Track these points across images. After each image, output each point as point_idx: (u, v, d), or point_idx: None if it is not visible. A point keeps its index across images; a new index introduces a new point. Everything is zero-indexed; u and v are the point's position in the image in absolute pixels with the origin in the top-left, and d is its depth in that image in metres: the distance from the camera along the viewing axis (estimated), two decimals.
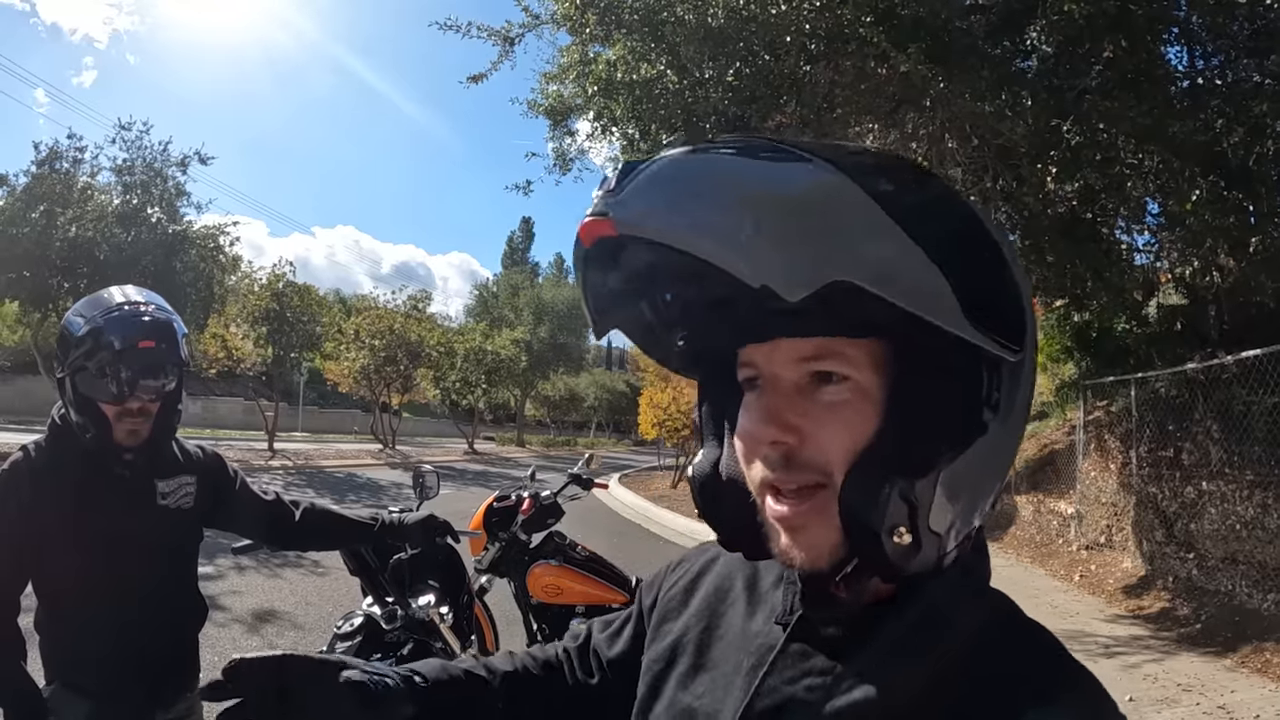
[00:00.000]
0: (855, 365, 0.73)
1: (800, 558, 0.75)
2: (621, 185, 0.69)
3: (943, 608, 0.77)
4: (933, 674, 0.73)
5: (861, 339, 0.72)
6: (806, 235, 0.65)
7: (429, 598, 2.77)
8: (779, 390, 0.75)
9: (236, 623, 6.93)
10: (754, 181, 0.67)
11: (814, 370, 0.74)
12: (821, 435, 0.73)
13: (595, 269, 0.75)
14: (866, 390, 0.73)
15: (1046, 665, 0.76)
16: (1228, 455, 8.49)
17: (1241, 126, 7.45)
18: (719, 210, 0.65)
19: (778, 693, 0.80)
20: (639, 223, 0.67)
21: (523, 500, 4.39)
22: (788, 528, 0.75)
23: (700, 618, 0.96)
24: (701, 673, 0.90)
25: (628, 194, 0.69)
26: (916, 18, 7.30)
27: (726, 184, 0.67)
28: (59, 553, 2.14)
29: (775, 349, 0.75)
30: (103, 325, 2.13)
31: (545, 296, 55.37)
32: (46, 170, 18.80)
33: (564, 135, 12.39)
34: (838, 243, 0.66)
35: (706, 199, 0.66)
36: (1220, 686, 5.70)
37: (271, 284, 26.93)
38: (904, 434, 0.72)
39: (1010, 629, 0.81)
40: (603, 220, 0.69)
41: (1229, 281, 10.27)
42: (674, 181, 0.68)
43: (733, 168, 0.68)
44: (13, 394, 34.60)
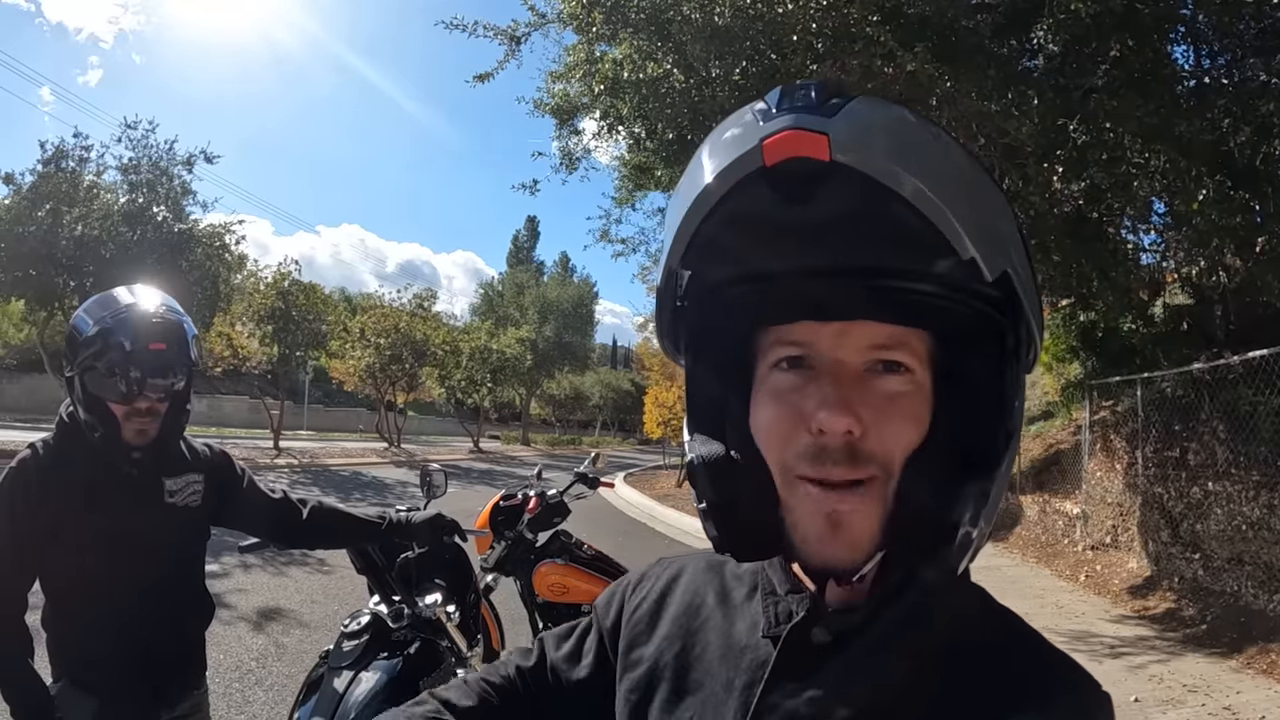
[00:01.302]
0: (916, 357, 0.72)
1: (839, 552, 0.71)
2: (830, 106, 0.63)
3: (935, 605, 0.75)
4: (930, 671, 0.72)
5: (924, 330, 0.72)
6: (999, 221, 0.66)
7: (436, 596, 2.77)
8: (842, 377, 0.71)
9: (242, 621, 6.94)
10: (966, 156, 0.66)
11: (880, 359, 0.71)
12: (884, 426, 0.70)
13: (755, 193, 0.64)
14: (921, 384, 0.72)
15: (1036, 660, 0.75)
16: (1234, 456, 8.47)
17: (1248, 126, 7.43)
18: (943, 171, 0.62)
19: (780, 709, 0.76)
20: (871, 153, 0.61)
21: (529, 499, 4.40)
22: (833, 522, 0.70)
23: (674, 640, 0.90)
24: (687, 696, 0.85)
25: (849, 118, 0.62)
26: (923, 16, 7.30)
27: (947, 148, 0.65)
28: (66, 550, 2.14)
29: (847, 331, 0.71)
30: (112, 326, 2.13)
31: (550, 295, 55.34)
32: (52, 169, 18.80)
33: (570, 134, 12.40)
34: (1011, 239, 0.67)
35: (934, 156, 0.63)
36: (1226, 687, 5.69)
37: (277, 282, 26.97)
38: (961, 432, 0.71)
39: (993, 620, 0.79)
40: (818, 138, 0.61)
41: (1235, 281, 10.25)
42: (900, 126, 0.64)
43: (939, 134, 0.66)
44: (19, 392, 34.73)
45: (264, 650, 6.19)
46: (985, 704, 0.70)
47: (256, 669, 5.74)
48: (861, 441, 0.69)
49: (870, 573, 0.72)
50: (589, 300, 57.42)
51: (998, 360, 0.72)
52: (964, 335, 0.71)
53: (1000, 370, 0.72)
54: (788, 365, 0.74)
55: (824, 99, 0.63)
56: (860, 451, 0.70)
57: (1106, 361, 13.02)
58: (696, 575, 0.95)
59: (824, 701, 0.74)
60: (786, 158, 0.61)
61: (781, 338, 0.75)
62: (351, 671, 2.43)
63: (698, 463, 0.78)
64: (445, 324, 40.53)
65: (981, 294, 0.68)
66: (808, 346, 0.73)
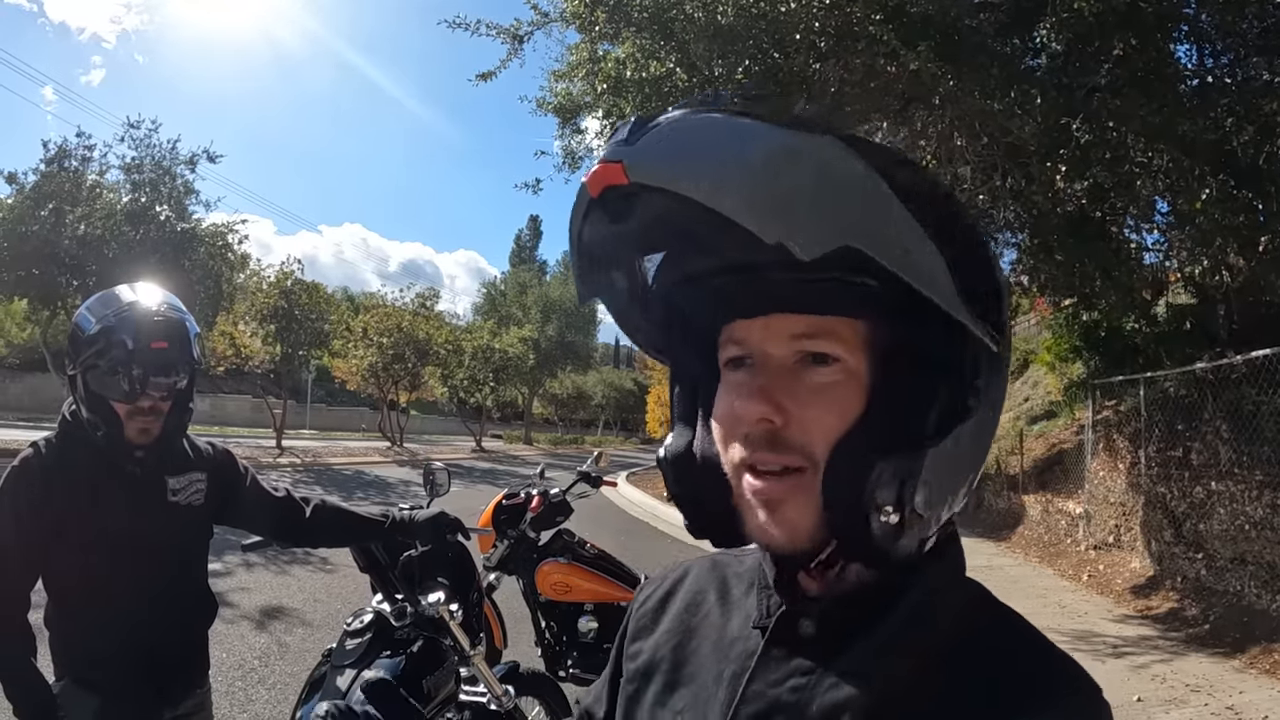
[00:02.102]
0: (846, 345, 0.73)
1: (778, 534, 0.74)
2: (636, 135, 0.68)
3: (924, 598, 0.77)
4: (916, 666, 0.73)
5: (852, 318, 0.73)
6: (819, 199, 0.65)
7: (438, 595, 2.77)
8: (768, 368, 0.75)
9: (245, 619, 6.94)
10: (771, 143, 0.66)
11: (805, 350, 0.74)
12: (808, 416, 0.72)
13: (596, 221, 0.72)
14: (854, 371, 0.73)
15: (1037, 660, 0.74)
16: (1237, 455, 8.46)
17: (1251, 125, 7.43)
18: (738, 166, 0.64)
19: (763, 697, 0.79)
20: (656, 172, 0.65)
21: (532, 498, 4.40)
22: (765, 503, 0.74)
23: (673, 634, 0.93)
24: (680, 688, 0.87)
25: (644, 143, 0.67)
26: (926, 15, 7.30)
27: (745, 142, 0.66)
28: (69, 550, 2.14)
29: (768, 325, 0.75)
30: (115, 324, 2.13)
31: (553, 295, 55.33)
32: (55, 169, 18.81)
33: (573, 133, 12.41)
34: (849, 210, 0.66)
35: (725, 155, 0.65)
36: (1229, 687, 5.69)
37: (280, 282, 26.99)
38: (891, 416, 0.72)
39: (991, 617, 0.79)
40: (615, 166, 0.67)
41: (1238, 281, 10.24)
42: (692, 135, 0.67)
43: (749, 129, 0.67)
44: (22, 391, 34.78)
45: (267, 649, 6.20)
46: (981, 700, 0.70)
47: (259, 667, 5.74)
48: (784, 430, 0.73)
49: (832, 562, 0.76)
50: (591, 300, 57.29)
51: (927, 340, 0.72)
52: (896, 318, 0.72)
53: (931, 349, 0.72)
54: (733, 366, 0.79)
55: (635, 129, 0.68)
56: (782, 439, 0.73)
57: (1109, 361, 13.00)
58: (701, 573, 0.98)
59: (807, 690, 0.76)
60: (602, 188, 0.68)
61: (727, 335, 0.79)
62: (354, 670, 2.43)
63: (663, 457, 0.85)
64: (448, 323, 40.56)
65: (861, 273, 0.68)
66: (742, 344, 0.77)
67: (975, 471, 0.78)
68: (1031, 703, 0.69)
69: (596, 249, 0.76)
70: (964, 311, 0.70)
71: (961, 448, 0.73)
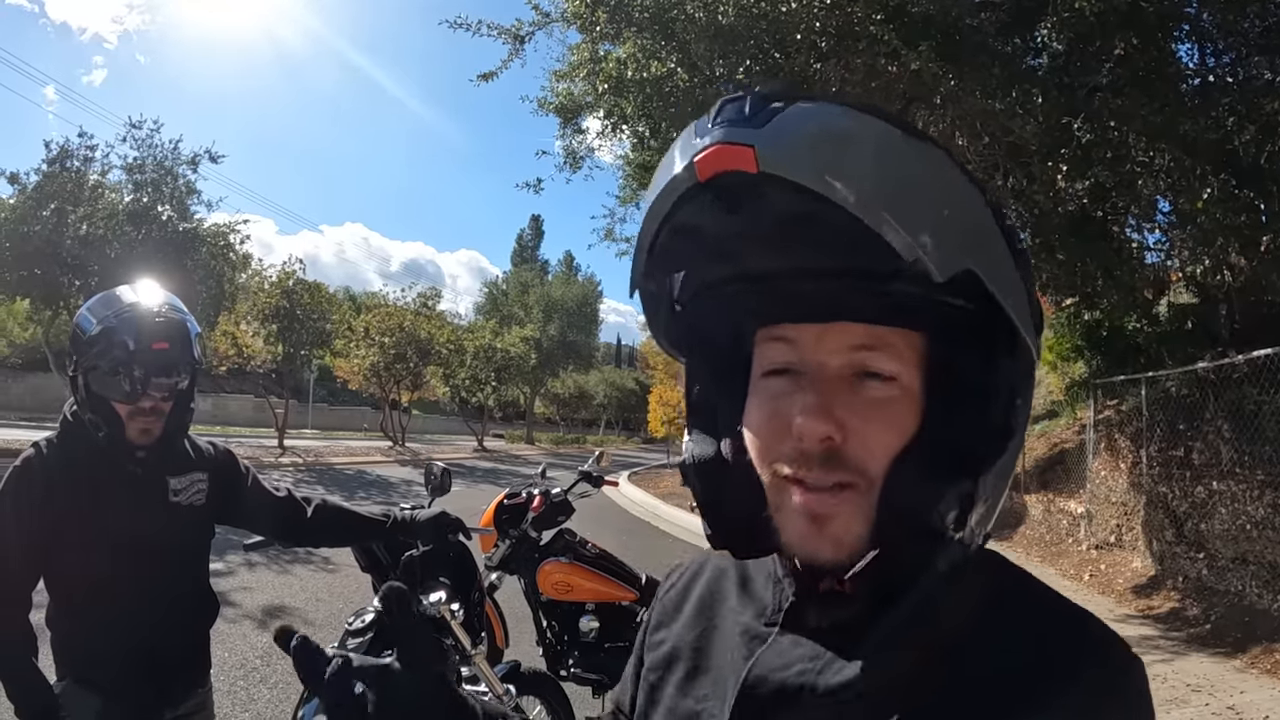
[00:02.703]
0: (902, 360, 0.71)
1: (824, 548, 0.71)
2: (762, 116, 0.63)
3: (938, 599, 0.74)
4: (928, 648, 0.71)
5: (910, 330, 0.71)
6: (955, 221, 0.64)
7: (440, 594, 2.77)
8: (824, 381, 0.71)
9: (247, 619, 6.95)
10: (912, 153, 0.65)
11: (863, 363, 0.71)
12: (867, 433, 0.70)
13: (695, 207, 0.66)
14: (909, 388, 0.71)
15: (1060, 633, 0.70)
16: (1238, 455, 8.45)
17: (1253, 124, 7.43)
18: (881, 174, 0.62)
19: (767, 682, 0.77)
20: (796, 166, 0.60)
21: (533, 498, 4.40)
22: (814, 518, 0.71)
23: (695, 623, 0.92)
24: (702, 675, 0.86)
25: (781, 131, 0.62)
26: (927, 15, 7.30)
27: (885, 149, 0.64)
28: (71, 549, 2.15)
29: (827, 332, 0.71)
30: (115, 325, 2.13)
31: (555, 294, 55.42)
32: (57, 169, 18.83)
33: (574, 133, 12.43)
34: (973, 235, 0.66)
35: (869, 159, 0.62)
36: (1230, 687, 5.68)
37: (281, 281, 27.00)
38: (949, 434, 0.70)
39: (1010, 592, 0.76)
40: (745, 151, 0.61)
41: (1240, 280, 10.24)
42: (832, 130, 0.63)
43: (886, 132, 0.65)
44: (24, 391, 34.80)
45: (269, 648, 6.19)
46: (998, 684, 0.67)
47: (261, 667, 5.75)
48: (843, 447, 0.70)
49: (863, 570, 0.72)
50: (593, 299, 57.47)
51: (988, 359, 0.71)
52: (953, 334, 0.70)
53: (992, 368, 0.71)
54: (777, 371, 0.75)
55: (757, 109, 0.63)
56: (840, 456, 0.70)
57: (1111, 360, 13.00)
58: (721, 562, 0.97)
59: (812, 675, 0.75)
60: (716, 173, 0.62)
61: (770, 334, 0.75)
62: None
63: (689, 463, 0.81)
64: (450, 323, 40.62)
65: (957, 293, 0.67)
66: (794, 345, 0.73)
67: (1007, 487, 0.76)
68: (1050, 684, 0.66)
69: (683, 239, 0.71)
70: (1033, 336, 0.70)
71: (1008, 466, 0.73)
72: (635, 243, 0.74)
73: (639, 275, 0.76)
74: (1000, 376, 0.71)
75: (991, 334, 0.69)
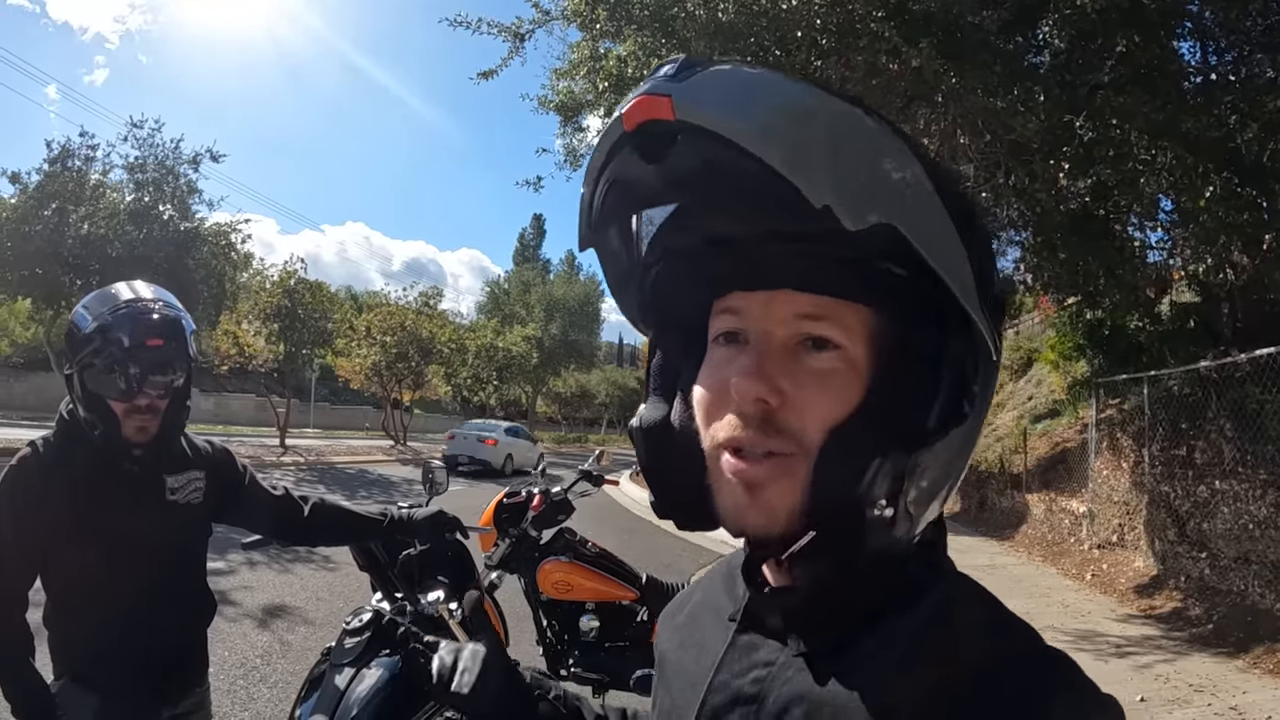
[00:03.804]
0: (849, 333, 0.71)
1: (755, 517, 0.72)
2: (684, 74, 0.66)
3: (897, 590, 0.75)
4: (883, 662, 0.70)
5: (860, 304, 0.71)
6: (871, 171, 0.64)
7: (438, 594, 2.76)
8: (769, 347, 0.72)
9: (247, 618, 6.94)
10: (828, 105, 0.66)
11: (807, 333, 0.71)
12: (804, 401, 0.70)
13: (625, 159, 0.69)
14: (854, 361, 0.71)
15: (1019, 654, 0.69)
16: (1241, 454, 8.44)
17: (1255, 122, 7.42)
18: (793, 121, 0.63)
19: (727, 688, 0.79)
20: (706, 113, 0.63)
21: (533, 496, 4.38)
22: (746, 484, 0.71)
23: (683, 627, 0.95)
24: (683, 676, 0.88)
25: (696, 82, 0.65)
26: (928, 12, 7.28)
27: (801, 99, 0.65)
28: (67, 548, 2.13)
29: (773, 300, 0.72)
30: (111, 322, 2.12)
31: (557, 293, 55.46)
32: (59, 168, 18.89)
33: (575, 131, 12.41)
34: (893, 187, 0.65)
35: (780, 108, 0.63)
36: (1232, 687, 5.68)
37: (283, 281, 27.01)
38: (891, 410, 0.70)
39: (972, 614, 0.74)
40: (662, 100, 0.64)
41: (1242, 279, 10.22)
42: (746, 83, 0.65)
43: (804, 89, 0.66)
44: (26, 390, 34.78)
45: (268, 647, 6.20)
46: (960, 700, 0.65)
47: (261, 666, 5.74)
48: (779, 413, 0.70)
49: (803, 552, 0.71)
50: (595, 298, 57.47)
51: (937, 338, 0.70)
52: (902, 310, 0.70)
53: (941, 348, 0.71)
54: (725, 340, 0.76)
55: (682, 68, 0.66)
56: (775, 422, 0.70)
57: (1113, 359, 12.99)
58: (717, 572, 0.99)
59: (766, 681, 0.76)
60: (640, 121, 0.65)
61: (721, 306, 0.77)
62: (353, 669, 2.42)
63: (636, 426, 0.83)
64: (451, 322, 40.62)
65: (894, 259, 0.67)
66: (741, 317, 0.74)
67: (958, 478, 0.76)
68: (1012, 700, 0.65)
69: (618, 189, 0.73)
70: (979, 311, 0.69)
71: (952, 451, 0.71)
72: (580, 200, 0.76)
73: (585, 229, 0.78)
74: (949, 356, 0.71)
75: (940, 312, 0.69)
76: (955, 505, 16.60)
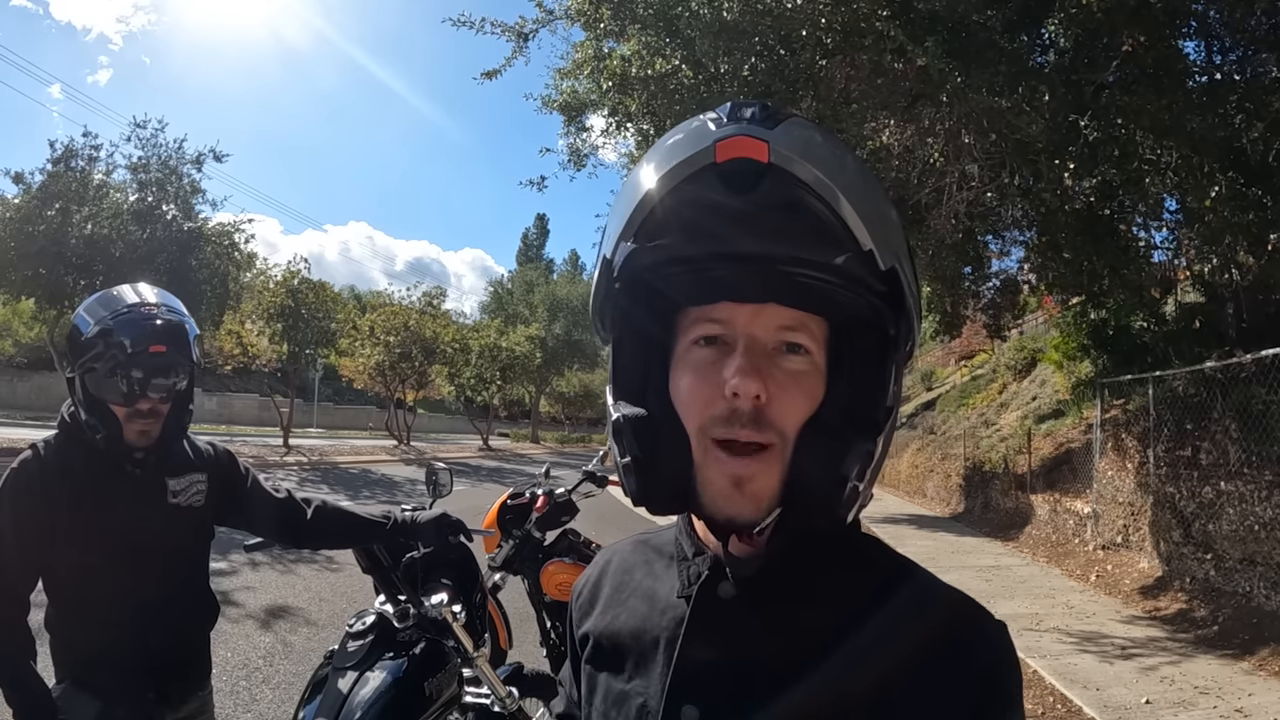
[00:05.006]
0: (815, 340, 0.83)
1: (745, 507, 0.81)
2: (770, 121, 0.79)
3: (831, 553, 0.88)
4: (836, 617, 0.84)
5: (823, 317, 0.84)
6: (890, 224, 0.81)
7: (442, 596, 2.75)
8: (758, 351, 0.82)
9: (250, 619, 6.94)
10: (865, 168, 0.80)
11: (785, 339, 0.82)
12: (785, 399, 0.81)
13: (708, 182, 0.78)
14: (817, 364, 0.84)
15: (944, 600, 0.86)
16: (1246, 455, 8.42)
17: (1261, 122, 7.40)
18: (856, 178, 0.78)
19: (695, 660, 0.86)
20: (796, 161, 0.75)
21: (537, 497, 4.38)
22: (737, 480, 0.80)
23: (608, 612, 1.01)
24: (627, 659, 0.94)
25: (784, 132, 0.77)
26: (933, 12, 7.26)
27: (855, 161, 0.79)
28: (69, 552, 2.12)
29: (761, 312, 0.82)
30: (113, 326, 2.11)
31: (560, 293, 55.50)
32: (62, 168, 18.90)
33: (578, 131, 12.37)
34: (901, 244, 0.82)
35: (845, 165, 0.79)
36: (1238, 689, 5.66)
37: (286, 281, 27.10)
38: (850, 404, 0.83)
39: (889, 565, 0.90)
40: (759, 144, 0.76)
41: (1248, 279, 10.22)
42: (817, 139, 0.80)
43: (856, 159, 0.80)
44: (30, 390, 34.91)
45: (271, 648, 6.19)
46: (903, 643, 0.81)
47: (264, 667, 5.74)
48: (766, 409, 0.80)
49: (769, 528, 0.81)
50: None
51: (881, 347, 0.84)
52: (856, 325, 0.83)
53: (882, 356, 0.85)
54: (705, 342, 0.85)
55: (766, 115, 0.79)
56: (764, 417, 0.80)
57: (1117, 359, 12.98)
58: (625, 554, 1.08)
59: (734, 648, 0.85)
60: (734, 157, 0.76)
61: (703, 315, 0.85)
62: (356, 672, 2.41)
63: (623, 420, 0.87)
64: (454, 322, 40.75)
65: (874, 289, 0.80)
66: (726, 324, 0.83)
67: (883, 461, 0.87)
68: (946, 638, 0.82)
69: (683, 211, 0.80)
70: (917, 328, 0.85)
71: (889, 437, 0.85)
72: (626, 203, 0.83)
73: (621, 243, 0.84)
74: (889, 362, 0.85)
75: (883, 324, 0.83)
76: (959, 505, 16.59)
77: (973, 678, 0.80)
